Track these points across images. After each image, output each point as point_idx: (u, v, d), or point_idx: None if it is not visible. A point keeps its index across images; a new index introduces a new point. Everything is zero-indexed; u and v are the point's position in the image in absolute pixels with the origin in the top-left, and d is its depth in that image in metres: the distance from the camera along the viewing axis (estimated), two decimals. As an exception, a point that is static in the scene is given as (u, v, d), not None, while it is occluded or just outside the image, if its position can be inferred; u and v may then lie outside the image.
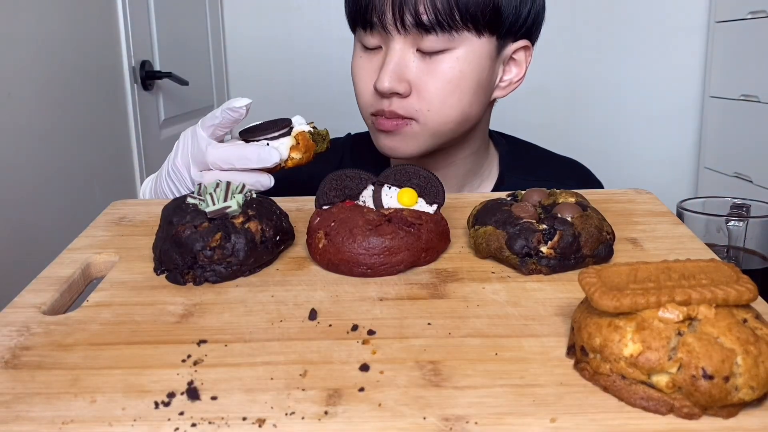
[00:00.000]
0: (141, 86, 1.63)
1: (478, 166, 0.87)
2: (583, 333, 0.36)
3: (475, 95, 0.75)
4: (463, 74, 0.73)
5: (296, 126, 0.67)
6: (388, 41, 0.73)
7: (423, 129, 0.75)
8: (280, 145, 0.65)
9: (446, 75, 0.73)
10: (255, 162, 0.64)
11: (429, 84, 0.73)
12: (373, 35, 0.75)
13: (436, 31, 0.71)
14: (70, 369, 0.38)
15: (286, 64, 2.34)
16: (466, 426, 0.32)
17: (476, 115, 0.78)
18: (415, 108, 0.73)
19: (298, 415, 0.33)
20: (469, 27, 0.72)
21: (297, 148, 0.66)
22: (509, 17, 0.74)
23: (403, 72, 0.73)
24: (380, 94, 0.74)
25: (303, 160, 0.66)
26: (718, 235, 0.64)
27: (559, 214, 0.51)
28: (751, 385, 0.32)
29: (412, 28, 0.71)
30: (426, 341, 0.40)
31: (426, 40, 0.71)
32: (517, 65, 0.80)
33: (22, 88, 1.16)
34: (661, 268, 0.37)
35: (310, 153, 0.67)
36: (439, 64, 0.72)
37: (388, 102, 0.74)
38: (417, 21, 0.70)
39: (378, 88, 0.73)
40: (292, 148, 0.66)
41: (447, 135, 0.77)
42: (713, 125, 2.16)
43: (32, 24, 1.20)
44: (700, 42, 2.23)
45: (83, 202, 1.35)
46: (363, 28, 0.75)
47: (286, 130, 0.66)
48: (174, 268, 0.49)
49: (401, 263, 0.49)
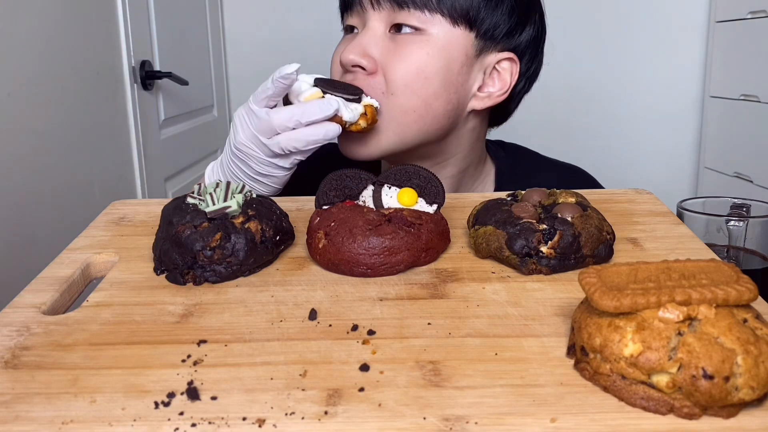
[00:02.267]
0: (141, 86, 1.63)
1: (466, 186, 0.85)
2: (583, 333, 0.36)
3: (442, 87, 0.73)
4: (430, 57, 0.71)
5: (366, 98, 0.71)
6: (365, 20, 0.73)
7: (383, 120, 0.72)
8: (356, 109, 0.68)
9: (413, 56, 0.71)
10: (318, 113, 0.66)
11: (395, 64, 0.72)
12: (352, 15, 0.75)
13: (408, 6, 0.71)
14: (69, 369, 0.38)
15: (286, 63, 2.34)
16: (466, 426, 0.32)
17: (444, 114, 0.74)
18: (381, 90, 0.72)
19: (298, 415, 0.33)
20: (443, 12, 0.71)
21: (365, 118, 0.69)
22: (488, 17, 0.73)
23: (370, 48, 0.72)
24: (344, 68, 0.74)
25: (367, 129, 0.70)
26: (718, 235, 0.64)
27: (559, 214, 0.51)
28: (752, 385, 0.32)
29: (385, 2, 0.71)
30: (426, 341, 0.40)
31: (399, 14, 0.71)
32: (500, 79, 0.77)
33: (22, 88, 1.16)
34: (662, 268, 0.37)
35: (373, 125, 0.71)
36: (409, 45, 0.72)
37: (352, 77, 0.73)
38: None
39: (342, 59, 0.73)
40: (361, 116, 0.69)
41: (410, 131, 0.74)
42: (713, 125, 2.16)
43: (32, 24, 1.20)
44: (700, 42, 2.23)
45: (83, 202, 1.35)
46: (344, 9, 0.76)
47: (358, 96, 0.69)
48: (174, 268, 0.49)
49: (401, 263, 0.49)
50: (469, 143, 0.82)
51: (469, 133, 0.81)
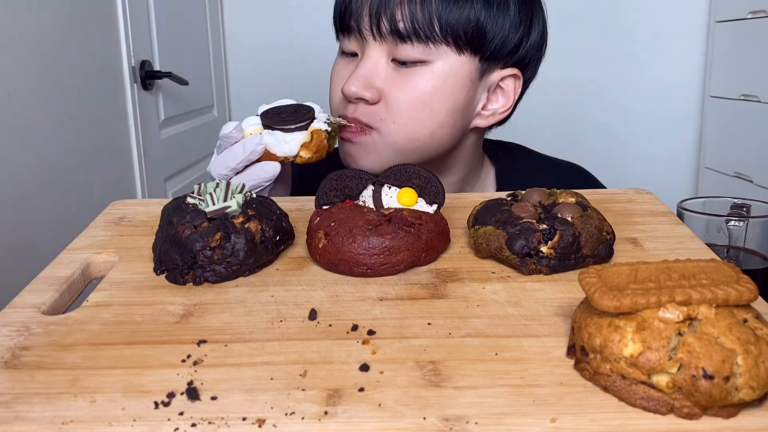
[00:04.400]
0: (141, 86, 1.63)
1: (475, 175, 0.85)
2: (583, 333, 0.36)
3: (449, 116, 0.72)
4: (436, 90, 0.70)
5: (316, 122, 0.66)
6: (365, 48, 0.71)
7: (384, 142, 0.71)
8: (293, 141, 0.64)
9: (418, 88, 0.69)
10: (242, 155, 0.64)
11: (399, 95, 0.70)
12: (350, 41, 0.73)
13: (412, 40, 0.68)
14: (69, 369, 0.38)
15: (286, 64, 2.34)
16: (466, 426, 0.32)
17: (449, 139, 0.74)
18: (380, 117, 0.70)
19: (298, 415, 0.33)
20: (448, 42, 0.69)
21: (308, 147, 0.65)
22: (494, 40, 0.70)
23: (373, 79, 0.70)
24: (346, 99, 0.72)
25: (313, 159, 0.65)
26: (718, 235, 0.64)
27: (559, 214, 0.51)
28: (752, 385, 0.32)
29: (388, 36, 0.69)
30: (426, 341, 0.40)
31: (401, 48, 0.69)
32: (504, 95, 0.76)
33: (22, 88, 1.16)
34: (662, 268, 0.37)
35: (322, 153, 0.66)
36: (413, 76, 0.70)
37: (354, 107, 0.71)
38: (393, 28, 0.68)
39: (344, 92, 0.71)
40: (304, 146, 0.65)
41: (413, 154, 0.73)
42: (713, 125, 2.16)
43: (32, 24, 1.20)
44: (700, 42, 2.23)
45: (83, 202, 1.35)
46: (342, 32, 0.74)
47: (304, 124, 0.65)
48: (174, 268, 0.49)
49: (401, 263, 0.49)
50: (470, 154, 0.81)
51: (471, 146, 0.80)
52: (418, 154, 0.73)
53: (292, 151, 0.64)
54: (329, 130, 0.66)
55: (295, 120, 0.65)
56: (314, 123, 0.66)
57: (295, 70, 2.34)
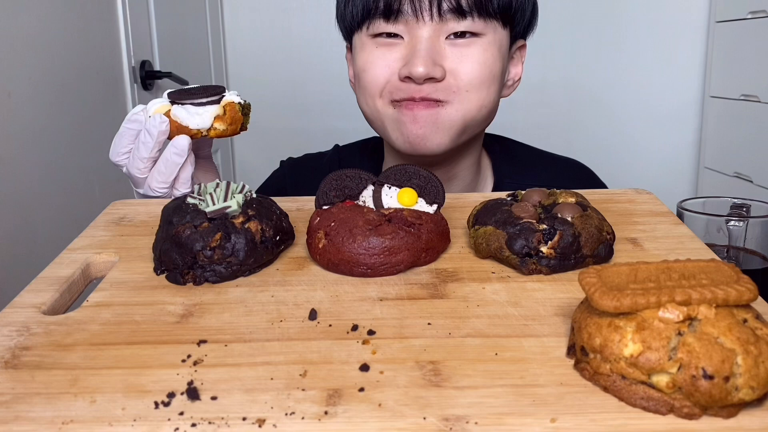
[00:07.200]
0: (141, 86, 1.63)
1: (477, 178, 0.86)
2: (583, 333, 0.36)
3: (496, 85, 0.76)
4: (493, 59, 0.74)
5: (228, 95, 0.65)
6: (414, 30, 0.72)
7: (456, 114, 0.73)
8: (205, 113, 0.63)
9: (479, 58, 0.73)
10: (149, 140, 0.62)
11: (466, 67, 0.73)
12: (397, 24, 0.73)
13: (473, 15, 0.72)
14: (69, 369, 0.38)
15: (286, 64, 2.34)
16: (466, 426, 0.32)
17: (495, 108, 0.78)
18: (453, 90, 0.73)
19: (298, 415, 0.33)
20: (497, 16, 0.73)
21: (222, 119, 0.64)
22: (525, 14, 0.77)
23: (438, 57, 0.72)
24: (414, 81, 0.72)
25: (228, 131, 0.64)
26: (718, 235, 0.64)
27: (559, 214, 0.51)
28: (752, 385, 0.32)
29: (448, 13, 0.71)
30: (426, 341, 0.40)
31: (461, 24, 0.72)
32: (514, 65, 0.82)
33: (22, 88, 1.16)
34: (662, 268, 0.37)
35: (236, 126, 0.65)
36: (471, 48, 0.73)
37: (418, 89, 0.72)
38: (456, 5, 0.71)
39: (414, 75, 0.71)
40: (217, 118, 0.64)
41: (472, 128, 0.77)
42: (713, 125, 2.16)
43: (32, 24, 1.20)
44: (700, 42, 2.23)
45: (83, 202, 1.35)
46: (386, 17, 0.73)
47: (216, 98, 0.63)
48: (174, 268, 0.49)
49: (401, 263, 0.49)
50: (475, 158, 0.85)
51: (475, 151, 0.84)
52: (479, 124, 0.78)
53: (206, 123, 0.63)
54: (242, 103, 0.65)
55: (205, 94, 0.64)
56: (226, 96, 0.65)
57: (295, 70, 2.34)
